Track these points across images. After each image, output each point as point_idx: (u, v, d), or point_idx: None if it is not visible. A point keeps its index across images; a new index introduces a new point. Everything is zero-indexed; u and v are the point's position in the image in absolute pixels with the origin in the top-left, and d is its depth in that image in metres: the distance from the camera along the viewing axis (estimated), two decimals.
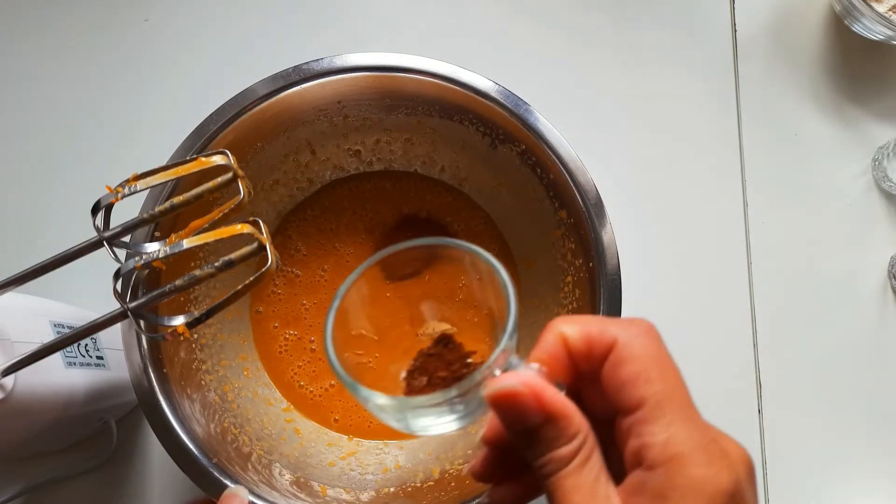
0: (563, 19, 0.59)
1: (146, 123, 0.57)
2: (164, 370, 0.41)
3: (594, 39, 0.59)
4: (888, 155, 0.55)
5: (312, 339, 0.50)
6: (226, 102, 0.43)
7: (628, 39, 0.59)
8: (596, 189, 0.42)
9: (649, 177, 0.57)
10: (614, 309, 0.41)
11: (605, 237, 0.42)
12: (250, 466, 0.42)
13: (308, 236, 0.51)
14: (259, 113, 0.44)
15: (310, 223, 0.51)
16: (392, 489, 0.44)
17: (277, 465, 0.44)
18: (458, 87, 0.43)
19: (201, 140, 0.42)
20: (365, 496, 0.44)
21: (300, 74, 0.43)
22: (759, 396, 0.53)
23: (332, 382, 0.49)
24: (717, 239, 0.56)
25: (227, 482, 0.38)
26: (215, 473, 0.39)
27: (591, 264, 0.42)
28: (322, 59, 0.43)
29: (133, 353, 0.40)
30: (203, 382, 0.44)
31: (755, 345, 0.54)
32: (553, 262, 0.47)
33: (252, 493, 0.38)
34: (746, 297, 0.55)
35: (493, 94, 0.43)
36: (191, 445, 0.39)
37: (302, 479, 0.43)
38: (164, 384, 0.40)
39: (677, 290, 0.55)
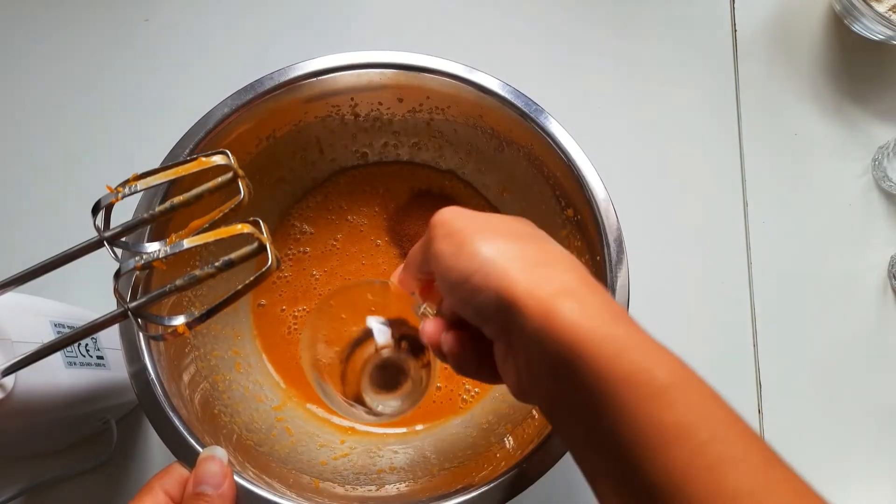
0: (562, 19, 0.59)
1: (146, 123, 0.57)
2: (156, 351, 0.40)
3: (594, 39, 0.59)
4: (888, 155, 0.55)
5: None
6: (239, 89, 0.43)
7: (628, 39, 0.59)
8: (604, 184, 0.42)
9: (649, 176, 0.57)
10: (621, 302, 0.40)
11: (614, 233, 0.41)
12: (245, 457, 0.42)
13: (315, 219, 0.51)
14: (272, 103, 0.44)
15: (315, 208, 0.52)
16: (388, 487, 0.44)
17: (269, 457, 0.44)
18: (468, 87, 0.44)
19: (211, 124, 0.42)
20: (359, 492, 0.44)
21: (314, 66, 0.43)
22: (759, 396, 0.53)
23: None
24: (717, 238, 0.56)
25: (201, 452, 0.38)
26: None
27: (598, 258, 0.42)
28: (337, 54, 0.43)
29: (126, 343, 0.39)
30: (195, 368, 0.44)
31: (755, 345, 0.54)
32: None
33: (240, 475, 0.38)
34: (746, 296, 0.55)
35: (503, 92, 0.43)
36: (186, 435, 0.39)
37: (294, 473, 0.43)
38: (157, 369, 0.40)
39: (677, 289, 0.55)
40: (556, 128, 0.43)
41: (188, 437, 0.38)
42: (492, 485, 0.37)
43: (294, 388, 0.49)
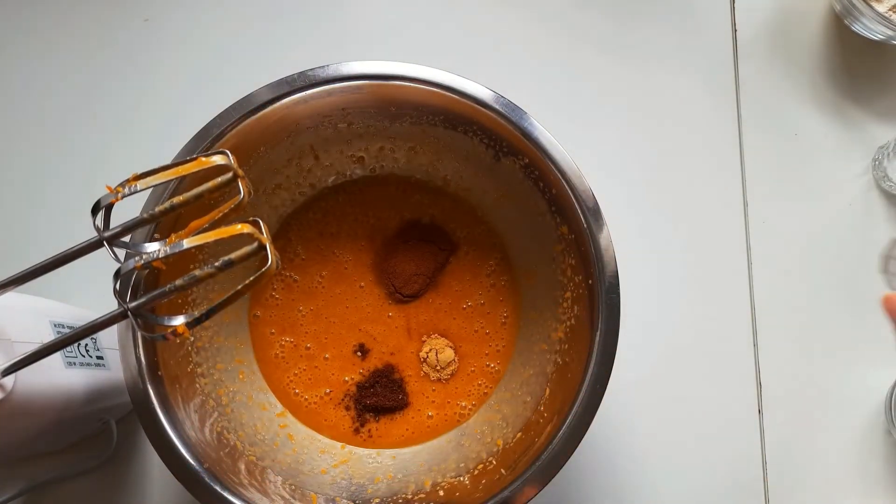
0: (561, 20, 0.59)
1: (146, 124, 0.57)
2: (160, 373, 0.40)
3: (594, 40, 0.59)
4: (888, 155, 0.55)
5: (308, 346, 0.50)
6: (230, 106, 0.42)
7: (628, 40, 0.59)
8: (597, 204, 0.42)
9: (649, 177, 0.57)
10: (612, 326, 0.40)
11: (606, 255, 0.41)
12: (243, 472, 0.42)
13: (308, 240, 0.51)
14: (263, 118, 0.43)
15: (311, 227, 0.51)
16: (383, 499, 0.44)
17: (269, 471, 0.44)
18: (460, 98, 0.43)
19: (204, 143, 0.42)
20: None
21: (305, 80, 0.43)
22: (760, 396, 0.53)
23: (328, 391, 0.49)
24: (717, 239, 0.56)
25: (219, 489, 0.38)
26: (207, 479, 0.39)
27: (590, 281, 0.42)
28: (327, 66, 0.43)
29: (129, 356, 0.40)
30: (198, 386, 0.44)
31: (755, 345, 0.54)
32: (553, 276, 0.47)
33: (244, 499, 0.39)
34: (747, 297, 0.55)
35: (496, 105, 0.42)
36: (184, 451, 0.39)
37: (294, 486, 0.43)
38: (159, 387, 0.40)
39: (678, 289, 0.55)
40: (548, 141, 0.42)
41: (179, 446, 0.38)
42: None
43: (286, 407, 0.49)
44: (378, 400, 0.49)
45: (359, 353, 0.50)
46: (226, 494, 0.39)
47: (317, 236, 0.51)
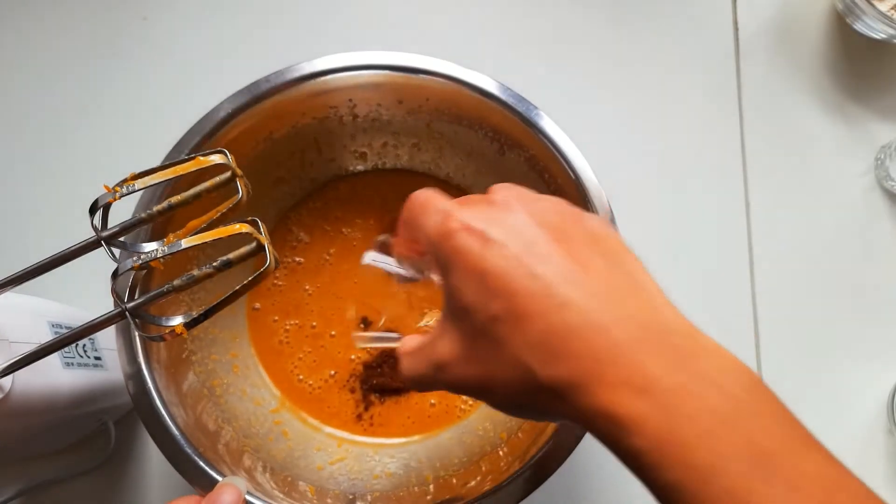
0: (562, 18, 0.59)
1: (145, 122, 0.56)
2: (154, 356, 0.40)
3: (595, 38, 0.59)
4: (891, 154, 0.55)
5: (314, 324, 0.50)
6: (237, 91, 0.42)
7: (629, 38, 0.59)
8: (605, 195, 0.42)
9: (651, 175, 0.56)
10: None
11: None
12: (240, 463, 0.41)
13: (311, 226, 0.51)
14: (270, 105, 0.43)
15: (313, 214, 0.51)
16: (383, 493, 0.44)
17: (265, 463, 0.43)
18: (469, 90, 0.43)
19: (209, 127, 0.42)
20: (355, 499, 0.43)
21: (312, 68, 0.43)
22: None
23: (333, 372, 0.49)
24: (718, 238, 0.55)
25: (214, 474, 0.38)
26: (206, 468, 0.38)
27: None
28: (336, 54, 0.43)
29: (123, 343, 0.39)
30: (192, 373, 0.44)
31: (756, 345, 0.54)
32: None
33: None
34: (748, 296, 0.54)
35: (504, 97, 0.43)
36: (181, 440, 0.38)
37: (290, 479, 0.43)
38: (153, 372, 0.40)
39: (678, 289, 0.54)
40: (557, 133, 0.42)
41: (182, 442, 0.38)
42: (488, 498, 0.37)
43: (288, 397, 0.49)
44: (385, 380, 0.49)
45: (362, 326, 0.50)
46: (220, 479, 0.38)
47: (321, 221, 0.51)
